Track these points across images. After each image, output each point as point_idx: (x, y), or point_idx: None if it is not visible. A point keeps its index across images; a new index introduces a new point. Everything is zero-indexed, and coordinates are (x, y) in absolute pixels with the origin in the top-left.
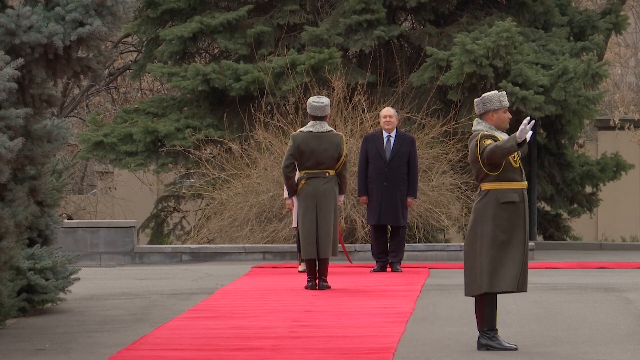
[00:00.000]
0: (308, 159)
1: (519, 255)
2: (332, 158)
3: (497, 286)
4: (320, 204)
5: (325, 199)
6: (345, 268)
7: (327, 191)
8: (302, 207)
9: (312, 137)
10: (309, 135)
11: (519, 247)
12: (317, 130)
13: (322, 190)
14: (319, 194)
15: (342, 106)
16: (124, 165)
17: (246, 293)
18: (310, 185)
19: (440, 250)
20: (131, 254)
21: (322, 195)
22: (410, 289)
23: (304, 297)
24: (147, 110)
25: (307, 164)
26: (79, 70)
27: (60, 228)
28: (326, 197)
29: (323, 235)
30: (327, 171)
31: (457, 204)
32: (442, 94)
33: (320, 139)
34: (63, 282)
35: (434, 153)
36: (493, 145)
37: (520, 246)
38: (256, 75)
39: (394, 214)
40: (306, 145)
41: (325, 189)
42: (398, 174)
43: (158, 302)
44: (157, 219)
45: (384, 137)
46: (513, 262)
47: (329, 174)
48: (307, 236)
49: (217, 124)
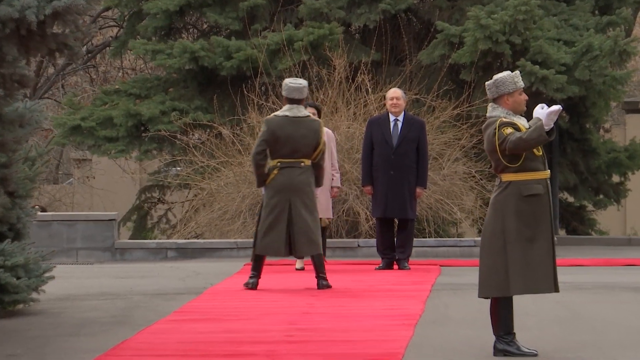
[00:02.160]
0: (283, 146)
1: (548, 252)
2: (310, 146)
3: (531, 287)
4: (294, 197)
5: (300, 192)
6: (347, 265)
7: (303, 183)
8: (273, 200)
9: (289, 122)
10: (285, 120)
11: (546, 243)
12: (294, 114)
13: (298, 182)
14: (293, 186)
15: (344, 87)
16: (103, 152)
17: (238, 293)
18: (283, 176)
19: (453, 246)
20: (111, 249)
21: (298, 187)
22: (419, 289)
23: (301, 298)
24: (129, 92)
25: (282, 151)
26: (54, 47)
27: (33, 221)
28: (302, 190)
29: (300, 232)
30: (303, 161)
31: (471, 195)
32: (454, 74)
33: (297, 125)
34: (36, 280)
35: (446, 138)
36: (516, 138)
37: (547, 242)
38: (249, 53)
39: (402, 206)
40: (282, 130)
41: (300, 180)
42: (406, 161)
43: (141, 303)
44: (139, 211)
45: (390, 121)
46: (543, 260)
47: (304, 164)
48: (273, 232)
49: (206, 107)
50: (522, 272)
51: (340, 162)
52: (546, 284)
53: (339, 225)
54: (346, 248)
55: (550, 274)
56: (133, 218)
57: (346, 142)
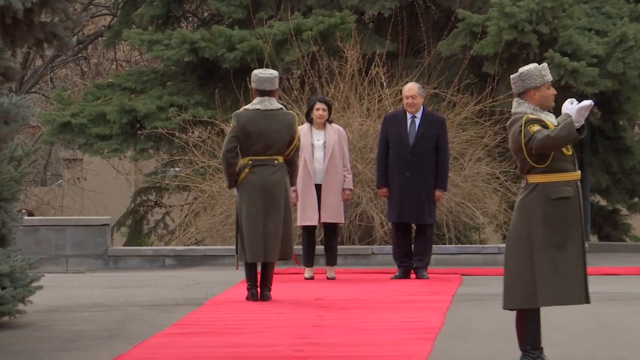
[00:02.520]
0: (255, 143)
1: (578, 260)
2: (284, 141)
3: (560, 298)
4: (268, 197)
5: (274, 191)
6: (360, 274)
7: (277, 182)
8: (246, 201)
9: (260, 116)
10: (256, 114)
11: (576, 250)
12: (266, 107)
13: (272, 181)
14: (267, 185)
15: (357, 80)
16: (95, 151)
17: (242, 304)
18: (256, 175)
19: (475, 253)
20: (104, 257)
21: (271, 187)
22: (438, 300)
23: (311, 310)
24: (123, 86)
25: (253, 148)
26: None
27: (19, 226)
28: (276, 190)
29: (270, 234)
30: (276, 158)
31: (495, 198)
32: (477, 66)
33: (269, 118)
34: (22, 291)
35: (467, 136)
36: (544, 136)
37: (578, 249)
38: (254, 44)
39: (419, 211)
40: (253, 125)
41: (274, 179)
42: (423, 161)
43: (136, 315)
44: (135, 215)
45: (407, 118)
46: (573, 269)
47: (278, 161)
48: (254, 236)
49: (207, 102)
50: (550, 282)
51: (352, 162)
52: (576, 295)
53: (352, 230)
54: (359, 255)
55: (581, 284)
56: (128, 223)
57: (359, 141)
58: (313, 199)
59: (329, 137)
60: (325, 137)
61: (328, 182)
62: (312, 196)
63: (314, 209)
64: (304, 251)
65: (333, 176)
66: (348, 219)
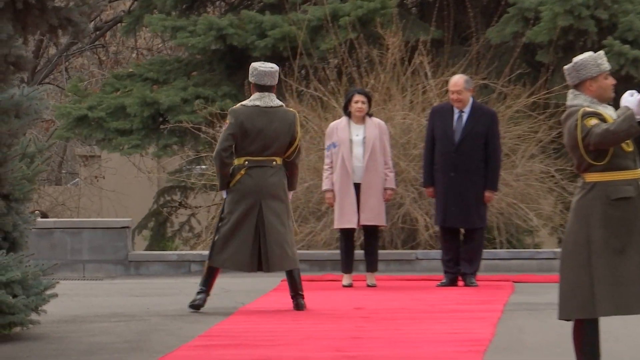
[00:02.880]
0: (252, 142)
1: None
2: (283, 141)
3: (621, 307)
4: (266, 203)
5: (273, 196)
6: (403, 282)
7: (276, 186)
8: (239, 205)
9: (259, 113)
10: (255, 111)
11: (638, 256)
12: (266, 104)
13: (270, 185)
14: (264, 189)
15: (399, 70)
16: (114, 147)
17: (274, 314)
18: (252, 178)
19: (528, 259)
20: (124, 262)
21: (269, 191)
22: (488, 309)
23: (350, 320)
24: (144, 76)
25: (250, 148)
26: (57, 23)
27: (32, 229)
28: (275, 195)
29: (273, 243)
30: (275, 159)
31: (550, 198)
32: (530, 55)
33: (269, 116)
34: (36, 299)
35: (519, 131)
36: (602, 130)
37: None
38: (286, 31)
39: (465, 214)
40: (251, 123)
41: (273, 183)
42: (470, 160)
43: (160, 326)
44: (157, 217)
45: (454, 112)
46: (635, 276)
47: (276, 162)
48: (236, 242)
49: (235, 94)
50: (610, 290)
51: (394, 160)
52: (638, 304)
53: (394, 234)
54: (402, 261)
55: None
56: (150, 225)
57: (401, 136)
58: (352, 199)
59: (369, 132)
60: (365, 132)
61: (368, 181)
62: (351, 196)
63: (353, 210)
64: (342, 256)
65: (373, 174)
66: (390, 221)
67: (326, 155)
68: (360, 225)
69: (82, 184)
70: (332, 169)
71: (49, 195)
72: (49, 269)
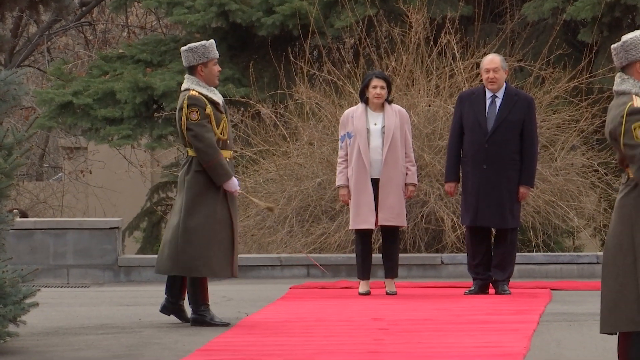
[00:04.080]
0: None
1: None
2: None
3: None
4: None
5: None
6: (427, 289)
7: (179, 179)
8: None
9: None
10: None
11: None
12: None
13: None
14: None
15: (423, 51)
16: (102, 137)
17: (282, 325)
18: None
19: (568, 263)
20: (114, 267)
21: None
22: (523, 320)
23: (367, 332)
24: (136, 57)
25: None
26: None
27: (9, 230)
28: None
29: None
30: (187, 150)
31: (593, 195)
32: (571, 34)
33: None
34: (14, 309)
35: (559, 120)
36: None
37: None
38: (296, 6)
39: (498, 212)
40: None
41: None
42: (505, 151)
43: (153, 339)
44: (151, 216)
45: (486, 98)
46: None
47: (188, 153)
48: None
49: (239, 78)
50: None
51: (417, 152)
52: None
53: (417, 235)
54: (426, 266)
55: None
56: (142, 226)
57: (426, 125)
58: (369, 197)
59: (389, 121)
60: (384, 121)
61: (387, 176)
62: (368, 194)
63: (371, 209)
64: (358, 261)
65: (393, 169)
66: (412, 221)
67: (340, 147)
68: (379, 226)
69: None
70: (347, 162)
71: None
72: (28, 274)
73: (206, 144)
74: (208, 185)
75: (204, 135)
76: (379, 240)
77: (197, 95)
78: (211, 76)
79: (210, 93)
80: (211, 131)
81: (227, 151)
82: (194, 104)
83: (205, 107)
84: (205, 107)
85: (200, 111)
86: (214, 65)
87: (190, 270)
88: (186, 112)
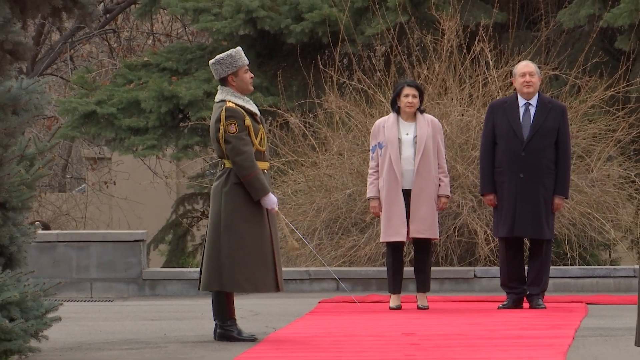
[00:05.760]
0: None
1: None
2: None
3: None
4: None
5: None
6: (460, 303)
7: (212, 192)
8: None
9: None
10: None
11: None
12: None
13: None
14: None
15: (456, 59)
16: (127, 148)
17: (311, 340)
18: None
19: (604, 277)
20: (138, 281)
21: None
22: (558, 335)
23: (398, 347)
24: (162, 66)
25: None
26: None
27: (32, 242)
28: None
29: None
30: (223, 161)
31: (630, 207)
32: (607, 41)
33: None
34: (36, 323)
35: (595, 130)
36: None
37: None
38: (326, 13)
39: (535, 222)
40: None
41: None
42: (541, 160)
43: (179, 354)
44: (176, 229)
45: (519, 106)
46: None
47: (224, 165)
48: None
49: (267, 86)
50: None
51: (450, 162)
52: None
53: (449, 248)
54: (459, 279)
55: None
56: (167, 238)
57: (459, 135)
58: (400, 208)
59: (421, 131)
60: (416, 131)
61: (419, 188)
62: (400, 205)
63: (402, 221)
64: (389, 274)
65: (425, 180)
66: (444, 233)
67: (371, 158)
68: (410, 239)
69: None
70: (378, 173)
71: (52, 204)
72: (51, 288)
73: (243, 158)
74: (247, 199)
75: (241, 148)
76: (410, 253)
77: (234, 107)
78: (243, 84)
79: (247, 104)
80: (249, 144)
81: (264, 162)
82: (232, 115)
83: (244, 118)
84: (244, 118)
85: (239, 123)
86: (244, 72)
87: (232, 286)
88: (224, 124)
